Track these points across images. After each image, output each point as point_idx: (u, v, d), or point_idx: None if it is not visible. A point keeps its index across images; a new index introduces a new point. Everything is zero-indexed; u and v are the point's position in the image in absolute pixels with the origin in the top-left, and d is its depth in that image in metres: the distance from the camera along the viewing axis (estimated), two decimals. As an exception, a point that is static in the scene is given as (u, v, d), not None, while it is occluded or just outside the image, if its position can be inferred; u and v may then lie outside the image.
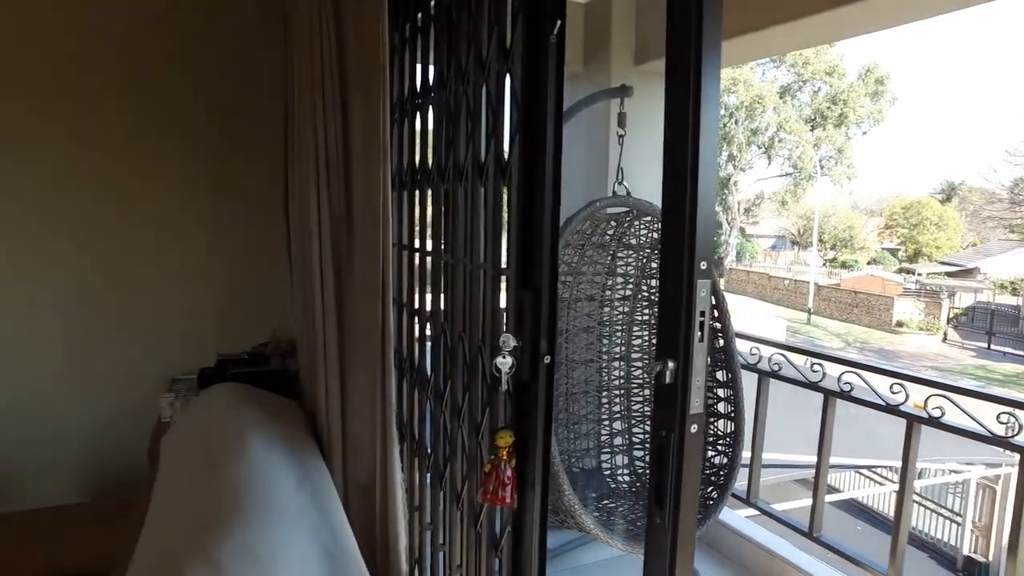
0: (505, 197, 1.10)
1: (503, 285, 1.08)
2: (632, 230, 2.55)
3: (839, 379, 2.29)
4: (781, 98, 24.18)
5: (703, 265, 0.84)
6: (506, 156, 1.02)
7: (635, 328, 2.74)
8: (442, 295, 1.44)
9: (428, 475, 1.52)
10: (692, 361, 0.86)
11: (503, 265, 1.04)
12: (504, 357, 0.93)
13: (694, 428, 0.86)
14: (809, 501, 2.53)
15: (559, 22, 0.88)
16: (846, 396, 2.26)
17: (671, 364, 0.87)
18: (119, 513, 1.92)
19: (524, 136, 0.95)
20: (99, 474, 2.48)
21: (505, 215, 1.13)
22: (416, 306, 1.58)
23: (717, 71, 0.87)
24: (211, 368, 2.16)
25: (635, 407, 2.77)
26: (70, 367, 2.41)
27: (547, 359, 0.93)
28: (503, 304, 1.10)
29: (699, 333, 0.85)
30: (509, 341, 0.93)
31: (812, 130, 24.35)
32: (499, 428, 0.98)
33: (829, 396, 2.35)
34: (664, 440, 0.88)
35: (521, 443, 0.97)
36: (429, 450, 1.50)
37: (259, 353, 2.28)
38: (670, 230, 0.86)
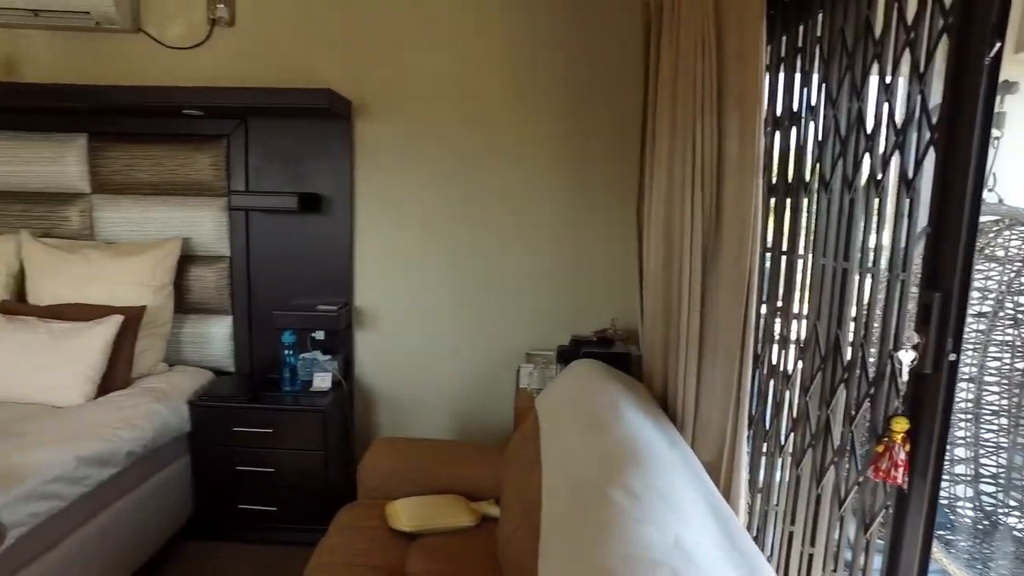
0: (888, 206, 1.18)
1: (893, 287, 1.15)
2: (999, 241, 2.33)
3: None
4: None
5: None
6: (911, 171, 1.10)
7: (992, 348, 2.49)
8: (787, 293, 1.54)
9: (779, 459, 1.63)
10: None
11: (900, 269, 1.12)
12: (907, 352, 1.02)
13: None
14: None
15: (999, 44, 0.94)
16: None
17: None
18: (490, 450, 2.37)
19: (943, 153, 1.03)
20: (465, 419, 3.05)
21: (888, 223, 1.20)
22: (779, 304, 1.70)
23: None
24: (567, 346, 2.54)
25: (985, 436, 2.52)
26: (452, 334, 3.01)
27: (952, 356, 1.00)
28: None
29: None
30: (913, 337, 1.02)
31: None
32: (895, 414, 1.07)
33: None
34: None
35: (915, 431, 1.06)
36: (783, 436, 1.62)
37: (605, 337, 2.60)
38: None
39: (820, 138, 1.49)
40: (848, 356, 1.31)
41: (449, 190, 2.93)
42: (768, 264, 1.82)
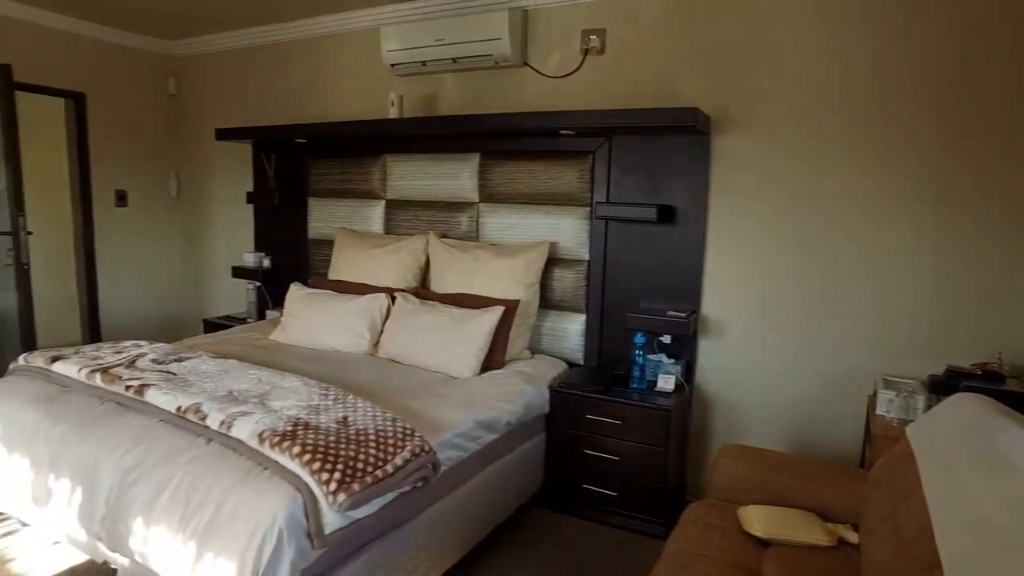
0: None
1: None
2: None
3: None
4: None
5: None
6: None
7: None
8: None
9: None
10: None
11: None
12: None
13: None
14: None
15: None
16: None
17: None
18: (841, 472, 2.27)
19: None
20: (801, 434, 2.96)
21: None
22: None
23: None
24: (941, 376, 2.31)
25: None
26: (795, 349, 2.94)
27: None
28: None
29: None
30: None
31: None
32: None
33: None
34: None
35: None
36: None
37: (990, 371, 2.31)
38: None
39: None
40: None
41: (803, 205, 2.87)
42: None
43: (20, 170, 3.41)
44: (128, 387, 2.31)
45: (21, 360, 2.71)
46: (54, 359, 2.60)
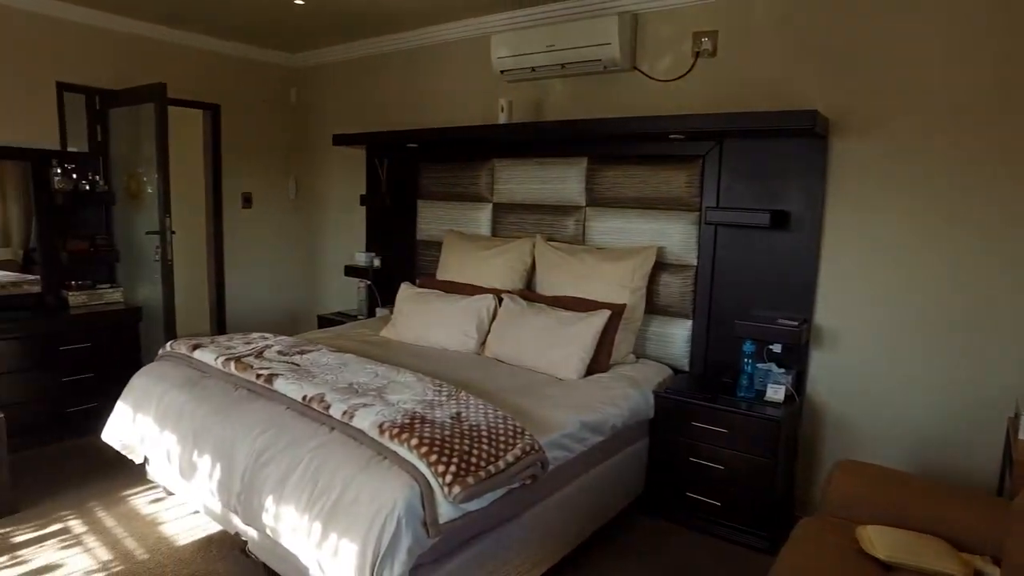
0: None
1: None
2: None
3: None
4: None
5: None
6: None
7: None
8: None
9: None
10: None
11: None
12: None
13: None
14: None
15: None
16: None
17: None
18: (975, 497, 2.13)
19: None
20: (924, 456, 2.78)
21: None
22: None
23: None
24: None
25: None
26: (920, 365, 2.77)
27: None
28: None
29: None
30: None
31: None
32: None
33: None
34: None
35: None
36: None
37: None
38: None
39: None
40: None
41: (933, 215, 2.70)
42: None
43: (168, 176, 3.75)
44: (259, 376, 2.50)
45: (168, 347, 2.99)
46: (195, 347, 2.86)
